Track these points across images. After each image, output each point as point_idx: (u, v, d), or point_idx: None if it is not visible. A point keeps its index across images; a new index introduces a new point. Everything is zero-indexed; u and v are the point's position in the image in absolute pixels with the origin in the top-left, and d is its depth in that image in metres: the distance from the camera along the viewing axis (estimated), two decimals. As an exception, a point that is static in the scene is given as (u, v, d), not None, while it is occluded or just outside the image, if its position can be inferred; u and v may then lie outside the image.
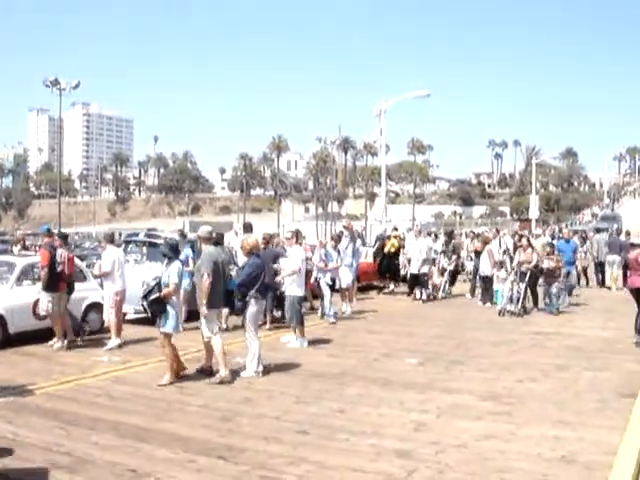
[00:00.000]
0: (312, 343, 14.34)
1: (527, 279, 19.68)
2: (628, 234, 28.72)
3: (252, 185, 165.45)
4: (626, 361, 12.57)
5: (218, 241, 16.55)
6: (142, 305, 11.14)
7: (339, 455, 7.38)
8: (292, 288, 14.47)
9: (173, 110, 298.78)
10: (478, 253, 23.44)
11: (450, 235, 27.43)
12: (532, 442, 7.83)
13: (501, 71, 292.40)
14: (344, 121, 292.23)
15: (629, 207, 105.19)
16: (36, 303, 14.24)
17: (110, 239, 15.92)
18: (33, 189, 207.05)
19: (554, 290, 19.48)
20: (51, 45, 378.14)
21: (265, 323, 16.22)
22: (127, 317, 16.10)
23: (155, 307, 10.82)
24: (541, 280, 20.19)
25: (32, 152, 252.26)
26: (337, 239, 19.90)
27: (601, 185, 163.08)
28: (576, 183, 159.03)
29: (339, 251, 19.12)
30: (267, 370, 11.58)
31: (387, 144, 60.08)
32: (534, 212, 60.39)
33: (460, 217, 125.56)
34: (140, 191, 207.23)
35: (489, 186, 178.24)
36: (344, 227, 21.90)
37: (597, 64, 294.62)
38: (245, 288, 11.58)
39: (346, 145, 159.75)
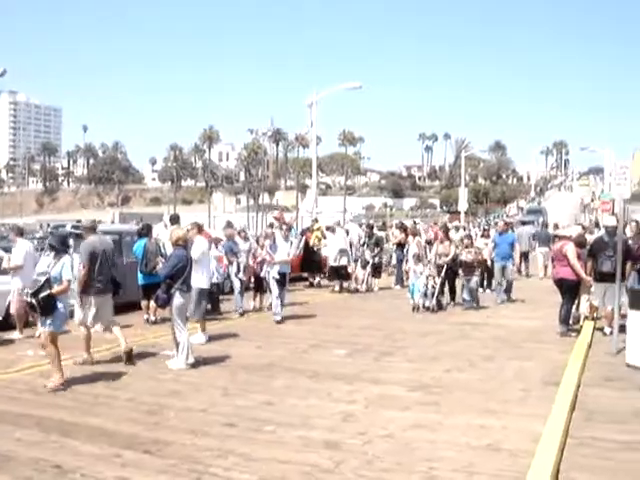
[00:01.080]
0: (239, 336, 14.27)
1: (443, 273, 19.06)
2: (556, 227, 29.35)
3: (183, 176, 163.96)
4: (550, 350, 12.83)
5: (146, 233, 16.46)
6: (30, 302, 10.04)
7: (266, 447, 7.34)
8: (196, 280, 13.55)
9: (103, 100, 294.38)
10: (400, 245, 23.57)
11: (372, 228, 26.62)
12: (459, 431, 7.90)
13: (432, 64, 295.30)
14: (276, 113, 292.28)
15: (554, 201, 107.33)
16: None
17: (19, 232, 15.66)
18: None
19: (473, 284, 18.96)
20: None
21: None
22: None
23: (46, 305, 9.85)
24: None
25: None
26: (288, 228, 19.03)
27: (529, 178, 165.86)
28: (504, 176, 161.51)
29: (291, 242, 18.60)
30: (195, 363, 11.48)
31: (319, 136, 60.10)
32: (463, 204, 61.06)
33: (391, 209, 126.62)
34: (69, 182, 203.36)
35: (419, 178, 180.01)
36: (275, 218, 21.83)
37: (525, 58, 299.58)
38: (170, 280, 11.40)
39: (278, 137, 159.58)
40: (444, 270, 19.05)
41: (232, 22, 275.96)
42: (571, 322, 14.92)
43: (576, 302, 15.52)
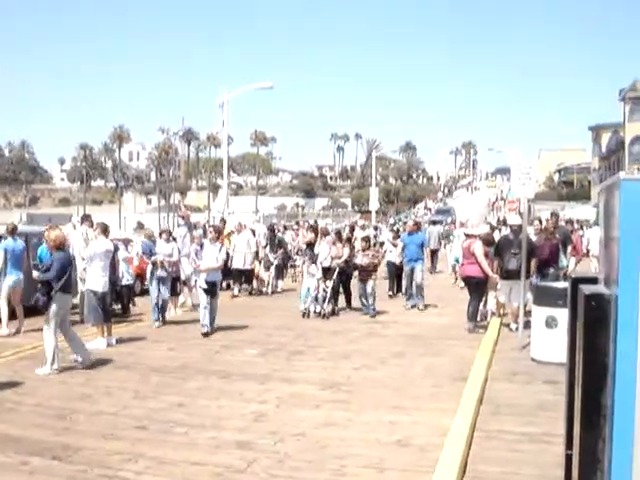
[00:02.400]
0: (151, 338, 14.14)
1: (335, 276, 17.80)
2: (462, 225, 29.92)
3: (93, 176, 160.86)
4: (459, 347, 13.11)
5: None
6: None
7: (178, 449, 7.30)
8: (90, 282, 13.37)
9: (9, 97, 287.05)
10: (311, 245, 23.33)
11: (273, 229, 26.02)
12: (369, 428, 8.02)
13: (343, 65, 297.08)
14: (187, 112, 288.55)
15: (462, 200, 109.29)
16: None
17: None
18: None
19: (369, 289, 17.43)
20: None
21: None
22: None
23: None
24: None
25: None
26: (219, 229, 17.90)
27: (438, 178, 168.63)
28: (415, 176, 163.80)
29: (220, 247, 15.65)
30: (95, 364, 11.40)
31: (230, 136, 59.90)
32: (374, 204, 61.60)
33: (302, 209, 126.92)
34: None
35: (331, 178, 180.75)
36: (180, 217, 21.54)
37: (435, 59, 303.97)
38: (50, 283, 11.15)
39: (189, 136, 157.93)
40: (336, 273, 17.85)
41: (142, 19, 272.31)
42: (479, 319, 15.28)
43: (483, 299, 15.91)
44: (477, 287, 15.03)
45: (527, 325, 12.92)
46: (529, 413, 8.56)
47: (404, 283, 20.15)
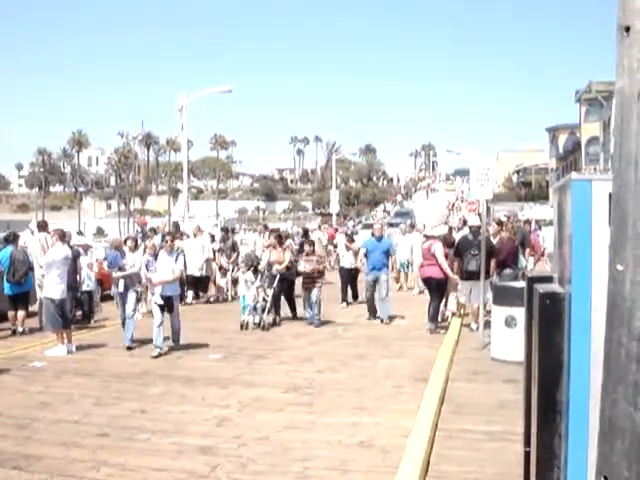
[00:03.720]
0: (112, 344, 13.99)
1: (276, 284, 16.56)
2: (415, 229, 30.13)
3: (51, 182, 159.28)
4: (420, 347, 13.22)
5: (12, 240, 15.95)
6: None
7: (141, 456, 7.27)
8: (47, 289, 13.31)
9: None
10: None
11: (227, 231, 24.49)
12: (332, 430, 8.06)
13: (302, 68, 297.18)
14: (146, 116, 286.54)
15: (421, 203, 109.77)
16: None
17: None
18: None
19: (313, 298, 16.14)
20: None
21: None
22: None
23: None
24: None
25: None
26: (174, 237, 15.21)
27: (398, 180, 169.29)
28: (375, 178, 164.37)
29: (177, 257, 13.65)
30: (55, 372, 11.31)
31: (190, 140, 59.71)
32: (335, 206, 61.79)
33: (264, 212, 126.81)
34: None
35: (292, 181, 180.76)
36: (136, 223, 21.32)
37: (394, 60, 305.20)
38: None
39: (149, 140, 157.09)
40: (277, 281, 16.59)
41: (100, 20, 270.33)
42: (439, 319, 15.38)
43: (444, 300, 16.03)
44: (438, 288, 15.13)
45: (487, 325, 13.04)
46: (490, 412, 8.66)
47: (365, 295, 17.58)
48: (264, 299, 16.20)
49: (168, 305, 13.26)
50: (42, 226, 16.69)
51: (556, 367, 2.94)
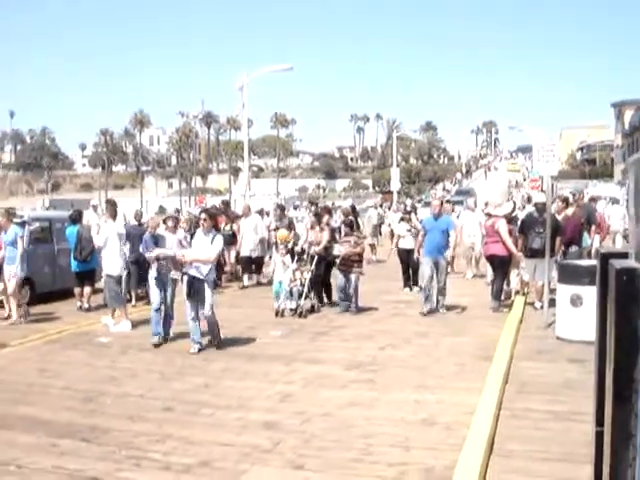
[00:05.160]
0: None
1: (314, 266, 15.37)
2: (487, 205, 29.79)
3: (114, 161, 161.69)
4: (483, 326, 13.07)
5: (77, 219, 16.22)
6: None
7: (205, 430, 7.35)
8: (106, 266, 13.56)
9: (30, 84, 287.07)
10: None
11: (283, 209, 23.08)
12: (395, 407, 8.03)
13: (363, 44, 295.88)
14: (207, 95, 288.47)
15: (482, 181, 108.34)
16: None
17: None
18: None
19: (352, 282, 14.79)
20: None
21: (130, 300, 15.88)
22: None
23: None
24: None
25: None
26: (213, 215, 12.95)
27: (459, 157, 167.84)
28: (436, 155, 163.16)
29: (214, 237, 11.50)
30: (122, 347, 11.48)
31: (250, 118, 59.98)
32: (395, 184, 61.63)
33: (324, 190, 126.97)
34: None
35: (352, 159, 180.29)
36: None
37: (455, 38, 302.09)
38: None
39: (209, 119, 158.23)
40: (314, 262, 15.42)
41: (159, 3, 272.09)
42: (503, 297, 15.19)
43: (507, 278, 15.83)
44: (501, 266, 14.93)
45: (552, 303, 12.85)
46: (555, 391, 8.53)
47: (423, 280, 14.99)
48: (301, 283, 15.07)
49: (198, 291, 11.27)
50: (110, 204, 16.94)
51: (632, 344, 2.85)
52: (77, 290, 15.82)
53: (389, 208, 41.14)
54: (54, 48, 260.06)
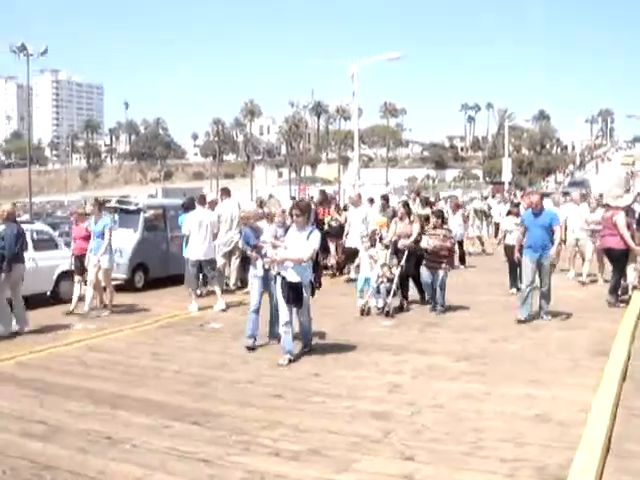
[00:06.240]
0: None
1: (404, 261, 14.10)
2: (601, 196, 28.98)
3: (225, 151, 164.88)
4: (598, 320, 12.64)
5: (190, 206, 16.55)
6: None
7: (314, 418, 7.37)
8: (191, 252, 14.71)
9: (144, 76, 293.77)
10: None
11: (387, 199, 22.52)
12: (506, 401, 7.87)
13: (473, 34, 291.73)
14: (316, 85, 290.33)
15: (596, 172, 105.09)
16: None
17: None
18: (3, 158, 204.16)
19: (439, 280, 13.66)
20: (17, 11, 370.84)
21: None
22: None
23: None
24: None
25: (0, 120, 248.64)
26: (306, 207, 10.67)
27: (573, 147, 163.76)
28: (548, 145, 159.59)
29: (310, 233, 10.09)
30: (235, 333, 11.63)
31: (360, 108, 59.84)
32: (507, 175, 60.64)
33: (433, 180, 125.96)
34: (112, 158, 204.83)
35: (462, 149, 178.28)
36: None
37: (567, 28, 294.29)
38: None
39: (319, 109, 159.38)
40: (404, 257, 14.17)
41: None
42: (620, 292, 14.70)
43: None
44: (618, 259, 14.46)
45: (672, 299, 12.35)
46: (676, 392, 8.19)
47: (521, 281, 13.64)
48: (389, 279, 13.83)
49: (294, 295, 9.97)
50: (226, 193, 17.58)
51: None
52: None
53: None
54: (167, 41, 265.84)
